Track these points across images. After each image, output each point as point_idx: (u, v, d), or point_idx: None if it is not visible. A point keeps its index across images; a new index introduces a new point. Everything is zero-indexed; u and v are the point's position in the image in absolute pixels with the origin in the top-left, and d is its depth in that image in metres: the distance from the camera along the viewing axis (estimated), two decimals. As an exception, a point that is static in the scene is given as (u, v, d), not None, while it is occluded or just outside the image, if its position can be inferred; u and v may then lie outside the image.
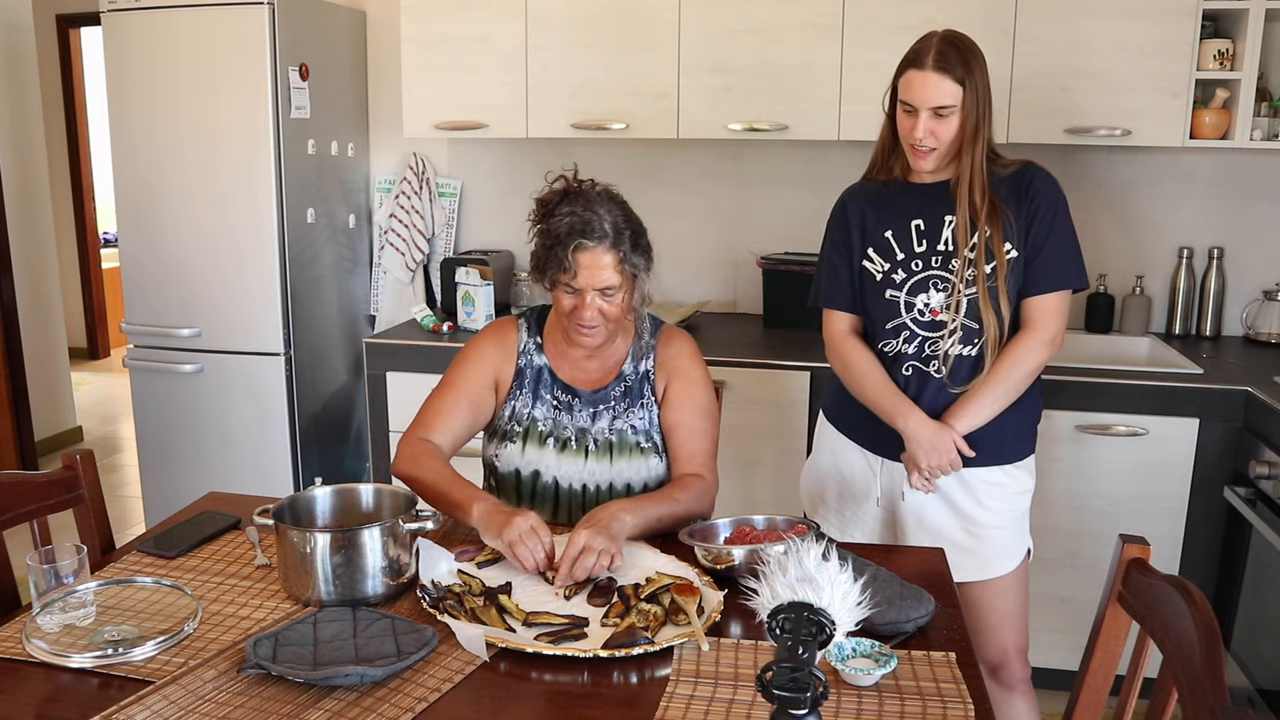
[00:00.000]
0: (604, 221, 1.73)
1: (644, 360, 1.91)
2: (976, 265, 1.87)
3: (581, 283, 1.74)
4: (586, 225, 1.72)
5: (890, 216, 1.96)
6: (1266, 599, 2.35)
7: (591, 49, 2.99)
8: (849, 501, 2.10)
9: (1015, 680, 2.04)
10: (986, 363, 1.90)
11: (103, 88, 3.30)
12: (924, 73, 1.83)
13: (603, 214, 1.74)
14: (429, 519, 1.56)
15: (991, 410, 1.90)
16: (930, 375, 1.94)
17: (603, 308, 1.77)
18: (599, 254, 1.73)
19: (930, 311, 1.92)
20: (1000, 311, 1.88)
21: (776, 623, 1.18)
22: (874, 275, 1.97)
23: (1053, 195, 1.90)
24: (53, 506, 1.74)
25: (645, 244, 1.80)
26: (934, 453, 1.89)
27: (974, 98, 1.83)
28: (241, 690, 1.28)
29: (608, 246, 1.73)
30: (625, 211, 1.79)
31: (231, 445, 3.32)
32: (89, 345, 6.71)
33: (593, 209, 1.74)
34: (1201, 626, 1.19)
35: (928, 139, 1.85)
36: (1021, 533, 2.02)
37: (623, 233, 1.75)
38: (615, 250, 1.74)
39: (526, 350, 1.92)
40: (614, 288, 1.76)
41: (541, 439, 1.89)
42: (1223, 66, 2.72)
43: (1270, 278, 3.07)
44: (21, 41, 4.63)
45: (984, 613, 2.00)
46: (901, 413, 1.92)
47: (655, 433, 1.90)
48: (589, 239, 1.72)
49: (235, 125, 3.11)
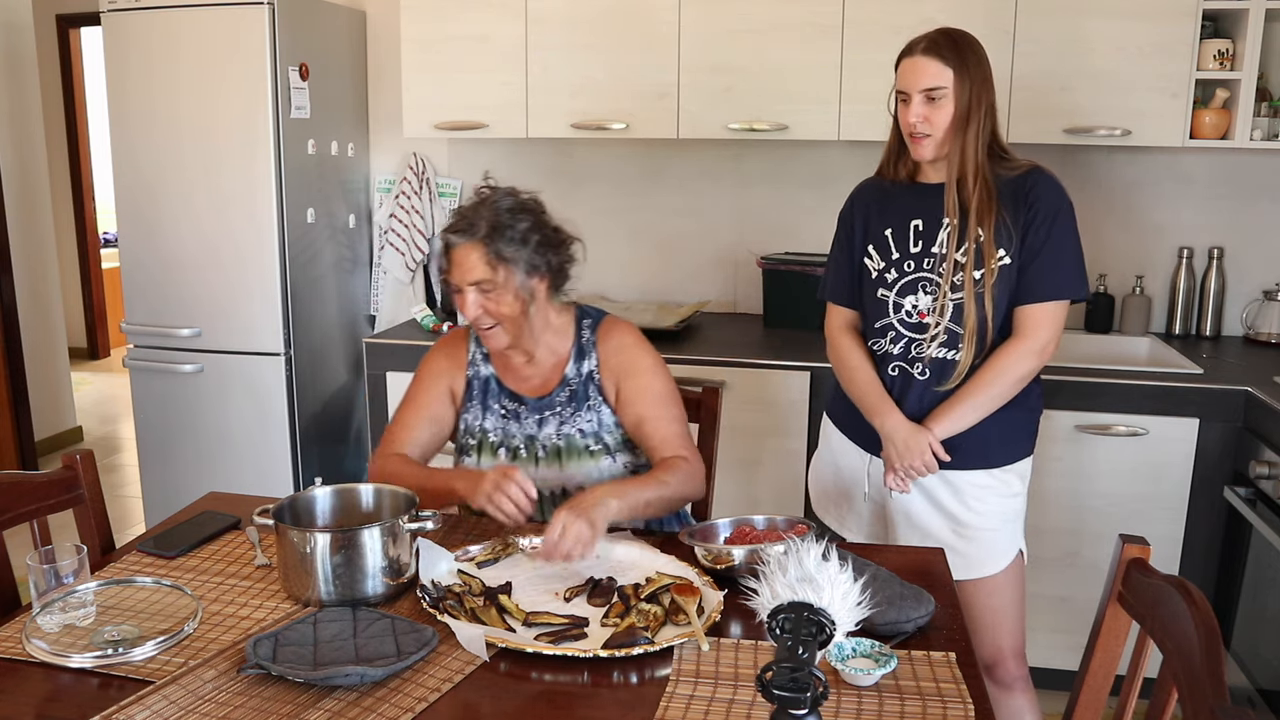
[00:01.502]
0: (479, 218, 1.76)
1: (586, 360, 1.90)
2: (965, 270, 1.87)
3: (457, 278, 1.77)
4: (458, 222, 1.77)
5: (892, 215, 1.97)
6: (1266, 599, 2.35)
7: (591, 49, 2.99)
8: (845, 498, 2.12)
9: (1011, 679, 2.04)
10: (960, 367, 1.89)
11: (103, 88, 3.30)
12: (914, 58, 1.87)
13: (483, 212, 1.76)
14: (429, 519, 1.56)
15: (974, 416, 1.90)
16: (914, 377, 1.94)
17: (485, 304, 1.78)
18: (466, 249, 1.75)
19: (918, 313, 1.93)
20: (984, 317, 1.87)
21: (776, 623, 1.18)
22: (870, 273, 1.98)
23: (1053, 202, 1.87)
24: (53, 506, 1.74)
25: (534, 238, 1.78)
26: (908, 454, 1.90)
27: (966, 83, 1.84)
28: (241, 690, 1.28)
29: (476, 240, 1.75)
30: (515, 211, 1.78)
31: (231, 445, 3.32)
32: (89, 345, 6.71)
33: (478, 209, 1.78)
34: (1201, 626, 1.19)
35: (921, 124, 1.86)
36: (1014, 535, 2.01)
37: (499, 228, 1.75)
38: (485, 244, 1.74)
39: (475, 361, 1.94)
40: (487, 281, 1.76)
41: (494, 449, 1.90)
42: (1223, 66, 2.72)
43: (1270, 278, 3.07)
44: (21, 41, 4.63)
45: (977, 611, 2.00)
46: (881, 411, 1.94)
47: (606, 434, 1.89)
48: (455, 234, 1.76)
49: (235, 125, 3.11)
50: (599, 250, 3.48)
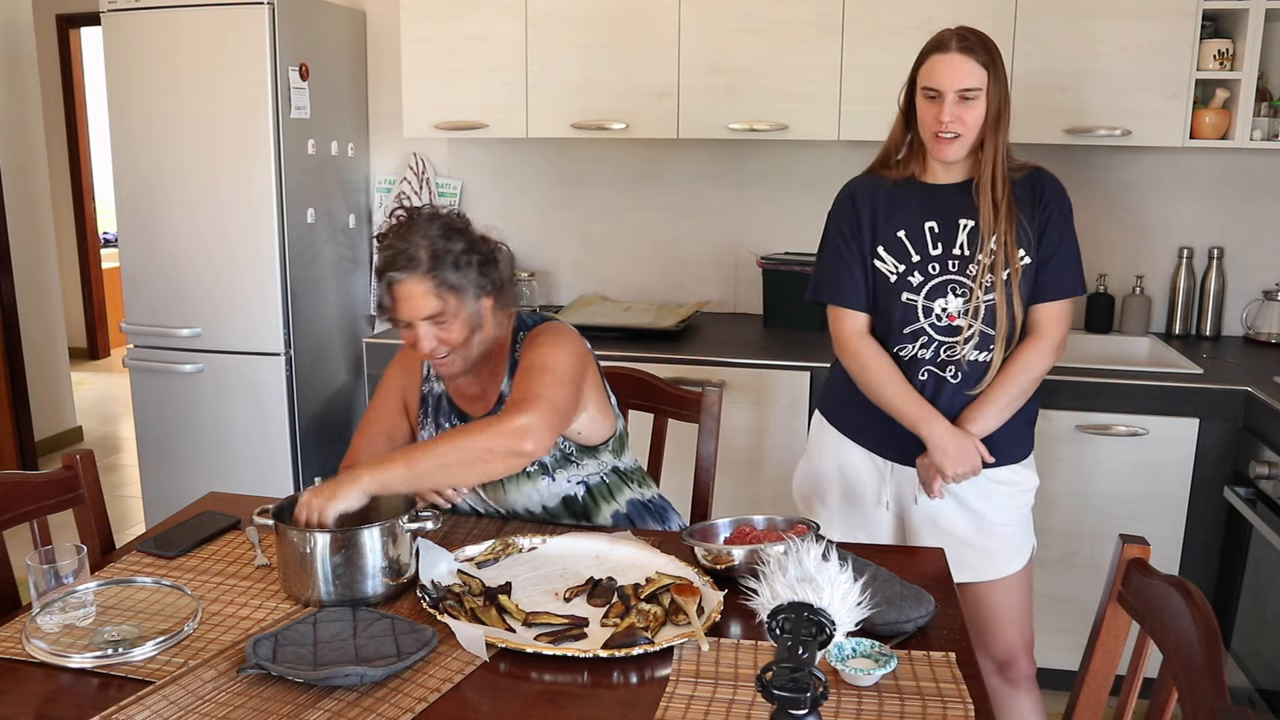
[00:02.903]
0: (416, 249, 1.66)
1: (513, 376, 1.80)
2: (995, 270, 1.88)
3: (404, 315, 1.68)
4: (394, 258, 1.66)
5: (902, 216, 1.94)
6: (1266, 599, 2.35)
7: (591, 49, 2.99)
8: (854, 505, 2.08)
9: (1021, 677, 2.04)
10: (993, 367, 1.91)
11: (103, 88, 3.30)
12: (949, 55, 1.82)
13: (417, 240, 1.67)
14: (429, 519, 1.56)
15: (1004, 415, 1.92)
16: (946, 380, 1.94)
17: (440, 335, 1.69)
18: (410, 284, 1.66)
19: (948, 317, 1.92)
20: (1015, 317, 1.90)
21: (776, 623, 1.18)
22: (887, 276, 1.95)
23: (1064, 203, 1.92)
24: (53, 506, 1.74)
25: (474, 259, 1.70)
26: (960, 460, 1.90)
27: (997, 85, 1.83)
28: (241, 690, 1.28)
29: (421, 274, 1.66)
30: (449, 231, 1.70)
31: (231, 445, 3.32)
32: (89, 345, 6.71)
33: (408, 238, 1.67)
34: (1201, 626, 1.19)
35: (954, 124, 1.83)
36: (1028, 531, 2.04)
37: (439, 257, 1.66)
38: (428, 276, 1.66)
39: (429, 377, 1.91)
40: (440, 314, 1.67)
41: None
42: (1223, 66, 2.72)
43: (1270, 278, 3.07)
44: (21, 41, 4.63)
45: (993, 611, 2.01)
46: (925, 419, 1.91)
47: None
48: (397, 271, 1.66)
49: (235, 125, 3.11)
50: (599, 250, 3.49)
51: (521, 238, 3.54)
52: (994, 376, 1.92)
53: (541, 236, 3.52)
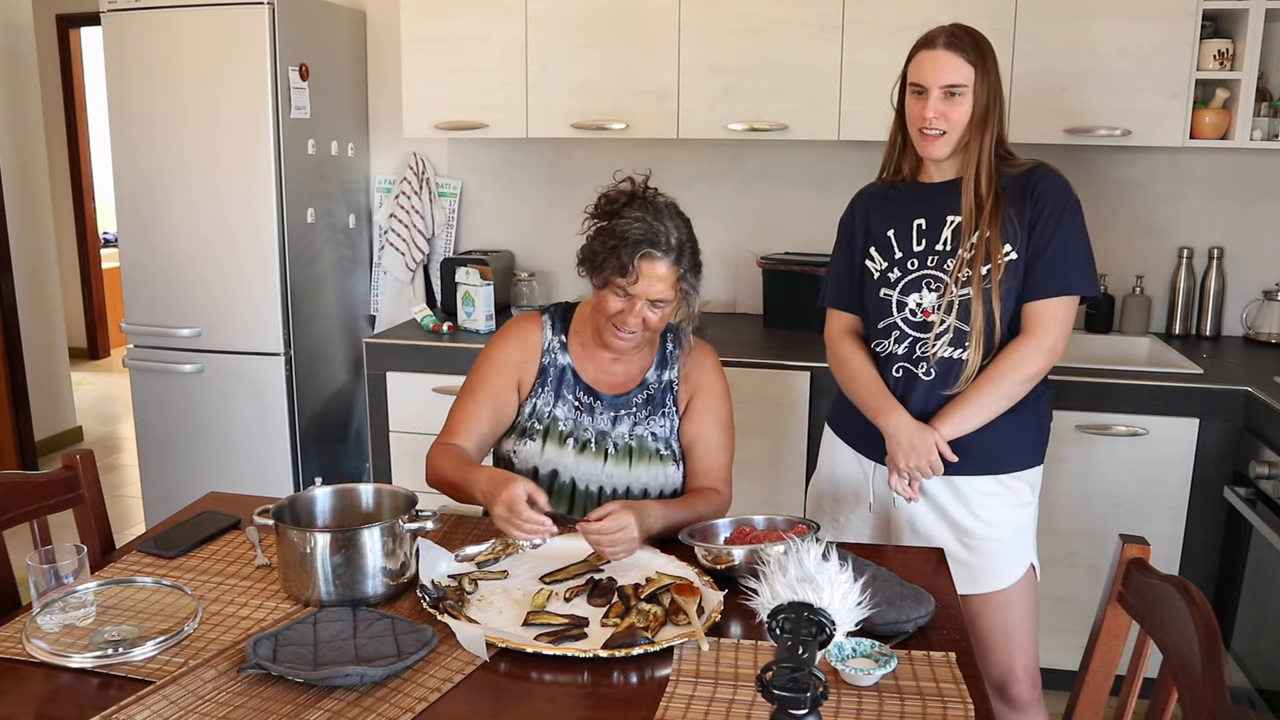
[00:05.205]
0: (671, 235, 1.75)
1: (668, 370, 1.93)
2: (973, 266, 1.83)
3: (638, 290, 1.75)
4: (655, 235, 1.74)
5: (894, 215, 1.94)
6: (1266, 599, 2.35)
7: (591, 49, 2.99)
8: (842, 505, 2.08)
9: (1022, 703, 1.96)
10: (969, 365, 1.85)
11: (103, 88, 3.30)
12: (935, 51, 1.82)
13: (670, 228, 1.76)
14: (429, 519, 1.56)
15: (982, 416, 1.85)
16: (919, 377, 1.90)
17: (648, 318, 1.78)
18: (660, 266, 1.74)
19: (922, 312, 1.89)
20: (991, 313, 1.84)
21: (776, 623, 1.18)
22: (872, 274, 1.95)
23: (1060, 197, 1.85)
24: (53, 506, 1.74)
25: (700, 264, 1.83)
26: (913, 453, 1.85)
27: (984, 83, 1.81)
28: (241, 690, 1.28)
29: (671, 261, 1.75)
30: (689, 230, 1.81)
31: (231, 445, 3.32)
32: (89, 345, 6.71)
33: (662, 220, 1.76)
34: (1201, 626, 1.19)
35: (938, 120, 1.81)
36: (1024, 547, 1.95)
37: (685, 250, 1.78)
38: (676, 266, 1.76)
39: (551, 349, 1.92)
40: (666, 301, 1.77)
41: (561, 439, 1.88)
42: (1223, 66, 2.72)
43: (1270, 278, 3.07)
44: (21, 41, 4.63)
45: (985, 628, 1.93)
46: (884, 411, 1.90)
47: (674, 441, 1.90)
48: (656, 249, 1.73)
49: (235, 125, 3.11)
50: (599, 250, 3.48)
51: (521, 238, 3.54)
52: (969, 378, 1.85)
53: (541, 236, 3.52)
